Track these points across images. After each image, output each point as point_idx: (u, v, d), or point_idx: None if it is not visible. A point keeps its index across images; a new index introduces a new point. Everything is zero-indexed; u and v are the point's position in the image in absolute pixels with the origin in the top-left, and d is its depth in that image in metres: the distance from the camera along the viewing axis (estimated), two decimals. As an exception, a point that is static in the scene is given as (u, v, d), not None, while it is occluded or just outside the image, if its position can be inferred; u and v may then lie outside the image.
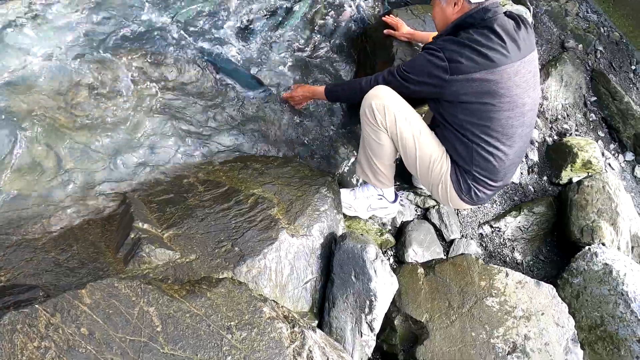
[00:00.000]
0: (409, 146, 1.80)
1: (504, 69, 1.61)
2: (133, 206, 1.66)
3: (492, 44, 1.60)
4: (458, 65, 1.60)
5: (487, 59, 1.59)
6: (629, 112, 2.97)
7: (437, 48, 1.65)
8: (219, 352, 1.23)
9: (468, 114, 1.68)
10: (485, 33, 1.62)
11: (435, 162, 1.80)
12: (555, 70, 2.94)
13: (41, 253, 1.55)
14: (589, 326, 2.07)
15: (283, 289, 1.63)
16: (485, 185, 1.81)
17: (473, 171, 1.77)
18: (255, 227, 1.66)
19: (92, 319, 1.17)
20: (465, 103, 1.66)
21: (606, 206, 2.37)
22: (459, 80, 1.62)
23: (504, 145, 1.72)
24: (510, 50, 1.62)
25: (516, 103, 1.67)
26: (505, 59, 1.61)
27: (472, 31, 1.64)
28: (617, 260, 2.12)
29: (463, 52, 1.60)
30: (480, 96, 1.63)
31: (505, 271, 1.93)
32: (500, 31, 1.61)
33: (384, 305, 1.70)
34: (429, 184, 1.88)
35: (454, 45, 1.63)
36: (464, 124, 1.70)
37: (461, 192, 1.82)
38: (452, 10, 1.70)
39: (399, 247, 2.19)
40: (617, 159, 2.94)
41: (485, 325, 1.78)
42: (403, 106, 1.78)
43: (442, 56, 1.62)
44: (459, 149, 1.76)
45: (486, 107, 1.65)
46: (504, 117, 1.67)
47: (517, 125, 1.71)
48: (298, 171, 1.96)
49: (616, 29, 3.34)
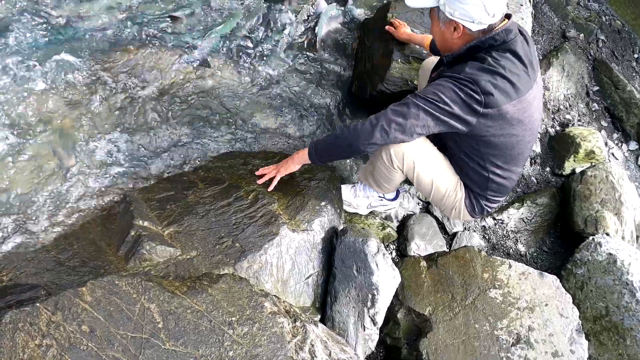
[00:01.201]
0: (424, 184, 1.75)
1: (527, 96, 1.51)
2: (133, 204, 1.66)
3: (518, 71, 1.47)
4: (492, 98, 1.44)
5: (516, 88, 1.46)
6: (632, 100, 2.94)
7: (467, 78, 1.45)
8: (221, 348, 1.23)
9: (490, 146, 1.57)
10: (510, 58, 1.47)
11: (450, 193, 1.77)
12: (556, 60, 2.91)
13: (42, 252, 1.55)
14: (593, 317, 2.05)
15: (285, 284, 1.63)
16: (495, 202, 1.81)
17: (487, 195, 1.75)
18: (256, 222, 1.66)
19: (93, 317, 1.17)
20: (490, 137, 1.53)
21: (610, 196, 2.35)
22: (490, 114, 1.46)
23: (519, 165, 1.70)
24: (531, 74, 1.51)
25: (534, 128, 1.61)
26: (528, 84, 1.50)
27: (495, 54, 1.47)
28: (622, 250, 2.10)
29: (496, 83, 1.44)
30: (506, 128, 1.52)
31: (508, 263, 1.92)
32: (521, 53, 1.48)
33: (387, 299, 1.69)
34: (441, 209, 1.88)
35: (486, 74, 1.44)
36: (484, 155, 1.61)
37: (474, 213, 1.81)
38: (452, 36, 1.53)
39: (401, 241, 2.18)
40: (621, 149, 2.91)
41: (489, 317, 1.77)
42: (422, 147, 1.66)
43: (475, 88, 1.43)
44: (474, 177, 1.71)
45: (511, 140, 1.56)
46: (525, 142, 1.61)
47: (530, 142, 1.65)
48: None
49: (618, 17, 3.31)
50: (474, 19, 1.45)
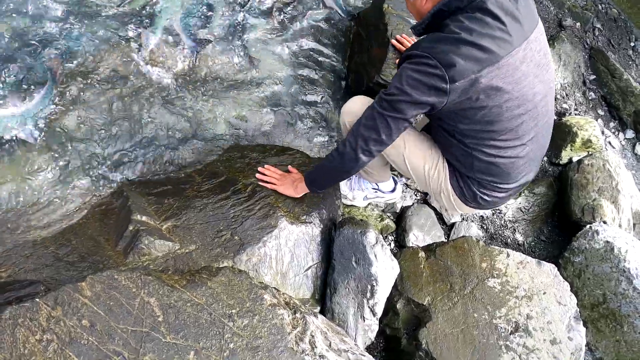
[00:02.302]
0: (398, 164, 1.69)
1: (509, 59, 1.30)
2: (131, 199, 1.66)
3: (491, 31, 1.27)
4: (455, 70, 1.26)
5: (489, 51, 1.27)
6: (628, 89, 2.94)
7: (423, 53, 1.29)
8: (221, 340, 1.23)
9: (470, 122, 1.41)
10: (479, 17, 1.28)
11: (431, 171, 1.65)
12: (553, 49, 2.91)
13: (41, 248, 1.55)
14: (591, 304, 2.07)
15: (284, 277, 1.63)
16: (495, 189, 1.59)
17: (476, 177, 1.56)
18: (254, 215, 1.66)
19: (93, 311, 1.17)
20: (466, 110, 1.37)
21: (607, 184, 2.36)
22: (459, 87, 1.29)
23: (516, 146, 1.47)
24: (512, 32, 1.29)
25: (526, 96, 1.38)
26: (509, 45, 1.29)
27: (461, 18, 1.29)
28: (619, 238, 2.12)
29: (458, 51, 1.26)
30: (485, 100, 1.34)
31: (506, 252, 1.93)
32: (496, 10, 1.27)
33: (386, 290, 1.70)
34: (432, 193, 1.75)
35: (444, 44, 1.28)
36: (464, 131, 1.45)
37: (465, 199, 1.64)
38: (422, 2, 1.39)
39: (400, 232, 2.19)
40: (618, 137, 2.92)
41: (488, 306, 1.78)
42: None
43: (434, 63, 1.27)
44: (457, 155, 1.56)
45: (492, 112, 1.36)
46: (513, 115, 1.39)
47: (529, 120, 1.43)
48: (295, 159, 1.95)
49: (614, 5, 3.30)
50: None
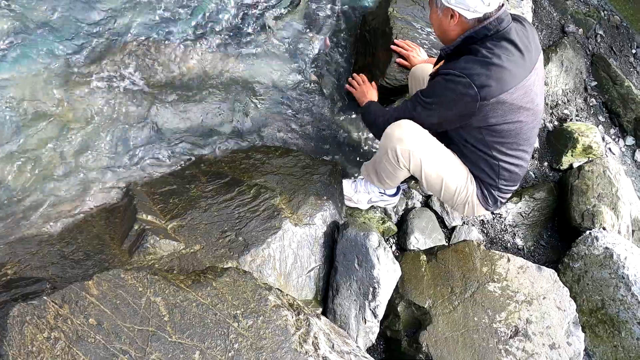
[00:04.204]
0: (432, 183, 1.76)
1: (526, 82, 1.54)
2: (136, 198, 1.67)
3: (514, 58, 1.51)
4: (487, 90, 1.48)
5: (512, 75, 1.50)
6: (629, 96, 2.96)
7: (459, 73, 1.50)
8: (226, 340, 1.25)
9: (495, 135, 1.61)
10: (505, 46, 1.51)
11: (460, 189, 1.77)
12: (555, 55, 2.93)
13: (46, 246, 1.56)
14: (590, 309, 2.09)
15: (287, 278, 1.64)
16: (508, 192, 1.81)
17: (499, 185, 1.75)
18: (259, 216, 1.67)
19: (100, 310, 1.18)
20: (493, 125, 1.58)
21: (607, 191, 2.38)
22: (488, 105, 1.51)
23: (527, 152, 1.72)
24: (528, 60, 1.54)
25: (536, 110, 1.64)
26: (527, 71, 1.54)
27: (489, 44, 1.51)
28: (618, 244, 2.13)
29: (490, 74, 1.47)
30: (508, 116, 1.56)
31: (506, 257, 1.94)
32: (516, 40, 1.52)
33: (387, 292, 1.72)
34: (453, 205, 1.87)
35: (479, 66, 1.49)
36: (489, 144, 1.64)
37: (487, 205, 1.81)
38: (449, 23, 1.57)
39: (401, 235, 2.20)
40: (618, 144, 2.94)
41: (488, 310, 1.80)
42: (429, 145, 1.69)
43: (468, 82, 1.48)
44: (484, 167, 1.72)
45: (514, 126, 1.59)
46: (529, 128, 1.65)
47: (535, 128, 1.69)
48: (300, 160, 1.97)
49: (616, 12, 3.32)
50: (469, 7, 1.50)
